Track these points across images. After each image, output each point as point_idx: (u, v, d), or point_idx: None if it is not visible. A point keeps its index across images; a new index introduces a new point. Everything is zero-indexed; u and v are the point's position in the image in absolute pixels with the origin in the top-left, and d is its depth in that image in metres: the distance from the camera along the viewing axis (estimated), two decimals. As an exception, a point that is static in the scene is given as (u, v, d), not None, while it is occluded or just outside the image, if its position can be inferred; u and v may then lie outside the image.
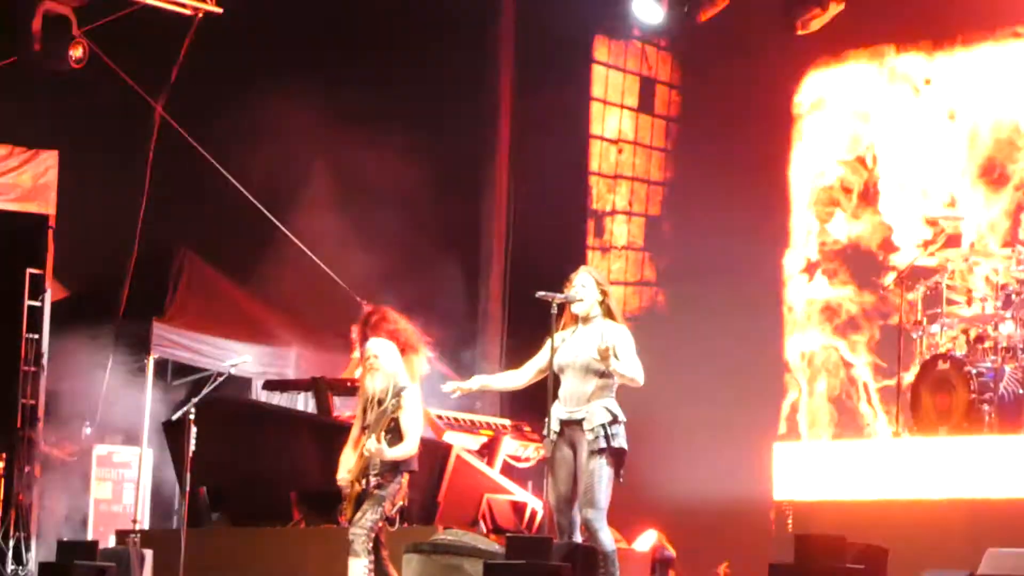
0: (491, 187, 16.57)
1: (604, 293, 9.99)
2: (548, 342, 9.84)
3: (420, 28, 15.99)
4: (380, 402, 10.22)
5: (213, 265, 15.68)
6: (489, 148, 16.63)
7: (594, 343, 9.70)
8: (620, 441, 9.66)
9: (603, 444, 9.61)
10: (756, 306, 15.23)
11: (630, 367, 9.67)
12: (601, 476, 9.60)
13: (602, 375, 9.74)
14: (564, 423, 9.74)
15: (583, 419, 9.68)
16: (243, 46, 15.42)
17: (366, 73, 16.01)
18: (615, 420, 9.68)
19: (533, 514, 12.78)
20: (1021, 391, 12.05)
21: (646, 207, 16.50)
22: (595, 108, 16.64)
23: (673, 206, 16.26)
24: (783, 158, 15.61)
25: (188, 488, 11.71)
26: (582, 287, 9.96)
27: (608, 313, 9.96)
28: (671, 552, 13.02)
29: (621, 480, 9.67)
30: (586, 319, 9.93)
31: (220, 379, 12.09)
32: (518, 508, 12.79)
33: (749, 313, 15.12)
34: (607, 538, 9.68)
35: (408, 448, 10.09)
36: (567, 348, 9.88)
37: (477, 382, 10.28)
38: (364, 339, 11.64)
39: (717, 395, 14.64)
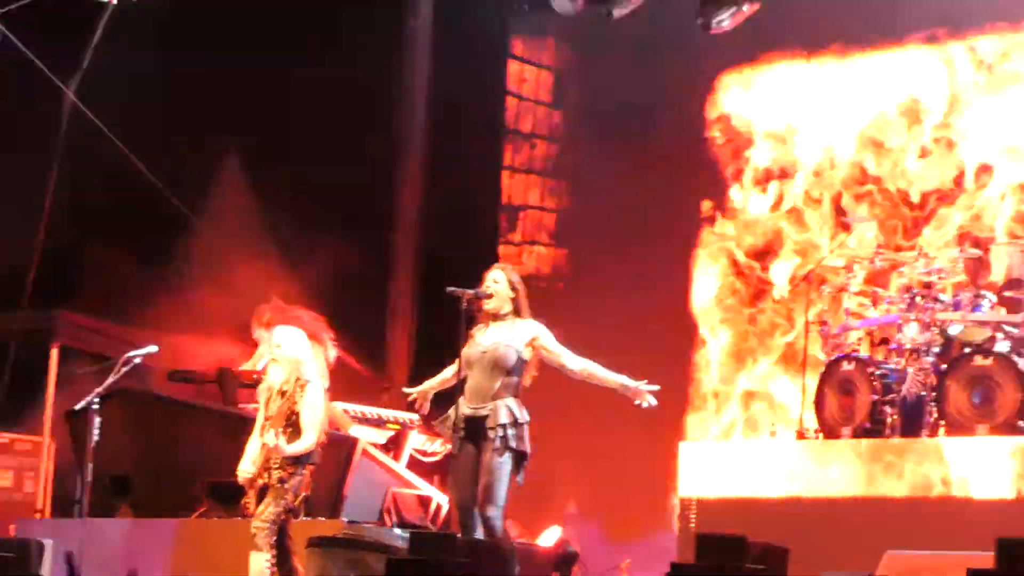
0: (402, 182, 16.54)
1: (515, 291, 10.01)
2: (466, 339, 9.88)
3: (335, 21, 15.93)
4: (283, 393, 10.19)
5: (121, 254, 15.57)
6: (403, 143, 16.60)
7: (505, 339, 9.76)
8: (521, 442, 9.69)
9: (504, 443, 9.63)
10: (665, 305, 15.28)
11: (586, 362, 9.77)
12: (501, 475, 9.62)
13: (508, 373, 9.77)
14: (468, 419, 9.75)
15: (487, 416, 9.70)
16: (157, 30, 15.30)
17: (279, 65, 15.93)
18: (517, 421, 9.70)
19: (438, 508, 12.81)
20: (924, 394, 12.16)
21: (558, 202, 16.53)
22: (509, 102, 16.66)
23: (586, 202, 16.28)
24: (695, 156, 15.66)
25: (91, 478, 11.64)
26: (494, 283, 10.00)
27: (518, 311, 9.98)
28: (575, 549, 13.06)
29: (519, 481, 9.71)
30: (496, 316, 9.96)
31: (125, 369, 12.02)
32: (424, 502, 12.81)
33: (658, 312, 15.16)
34: (505, 537, 9.71)
35: (305, 444, 10.04)
36: (475, 344, 9.91)
37: (427, 385, 10.20)
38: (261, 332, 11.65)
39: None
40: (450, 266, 13.15)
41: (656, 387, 9.83)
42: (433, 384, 10.14)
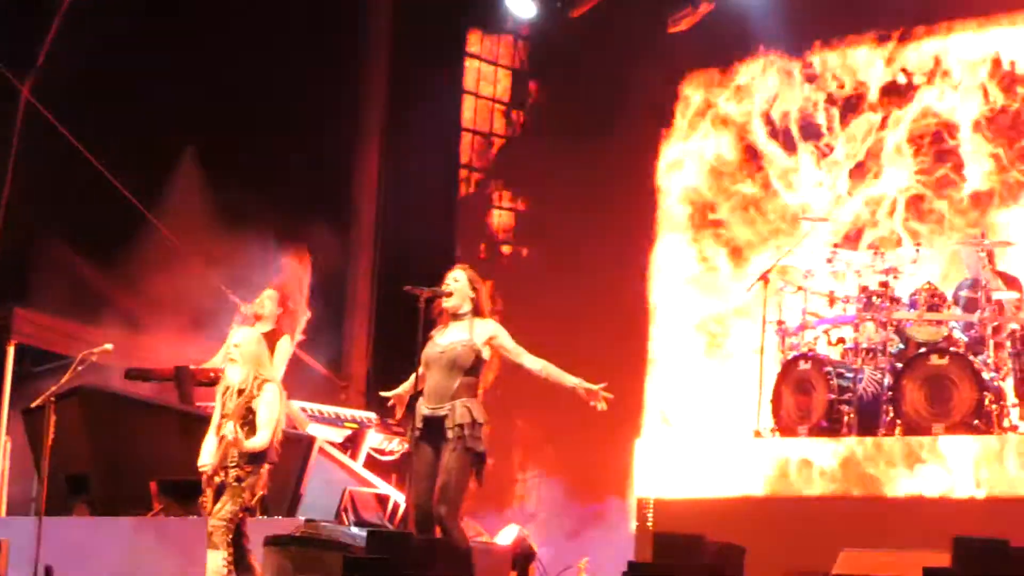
0: (361, 179, 16.52)
1: (476, 290, 10.01)
2: (426, 340, 9.89)
3: (296, 15, 15.89)
4: (240, 392, 10.18)
5: (78, 252, 15.50)
6: (361, 139, 16.57)
7: (464, 339, 9.76)
8: (479, 443, 9.69)
9: (463, 444, 9.63)
10: (622, 302, 15.32)
11: (544, 362, 9.80)
12: (459, 475, 9.62)
13: (466, 373, 9.77)
14: (427, 419, 9.75)
15: (445, 416, 9.69)
16: (114, 26, 15.24)
17: (240, 60, 15.88)
18: (475, 421, 9.70)
19: (396, 507, 12.79)
20: (880, 393, 12.21)
21: (515, 201, 16.54)
22: (467, 101, 16.65)
23: (542, 201, 16.30)
24: (653, 156, 15.71)
25: (47, 476, 11.58)
26: (454, 281, 9.99)
27: (477, 311, 9.99)
28: (533, 547, 13.06)
29: (479, 482, 9.71)
30: (456, 315, 9.95)
31: (81, 367, 11.96)
32: (381, 501, 12.80)
33: (615, 309, 15.20)
34: (460, 536, 9.70)
35: (261, 440, 10.03)
36: (434, 344, 9.90)
37: (402, 388, 10.18)
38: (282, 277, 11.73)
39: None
40: (409, 265, 13.15)
41: (610, 395, 9.88)
42: (407, 387, 10.14)
